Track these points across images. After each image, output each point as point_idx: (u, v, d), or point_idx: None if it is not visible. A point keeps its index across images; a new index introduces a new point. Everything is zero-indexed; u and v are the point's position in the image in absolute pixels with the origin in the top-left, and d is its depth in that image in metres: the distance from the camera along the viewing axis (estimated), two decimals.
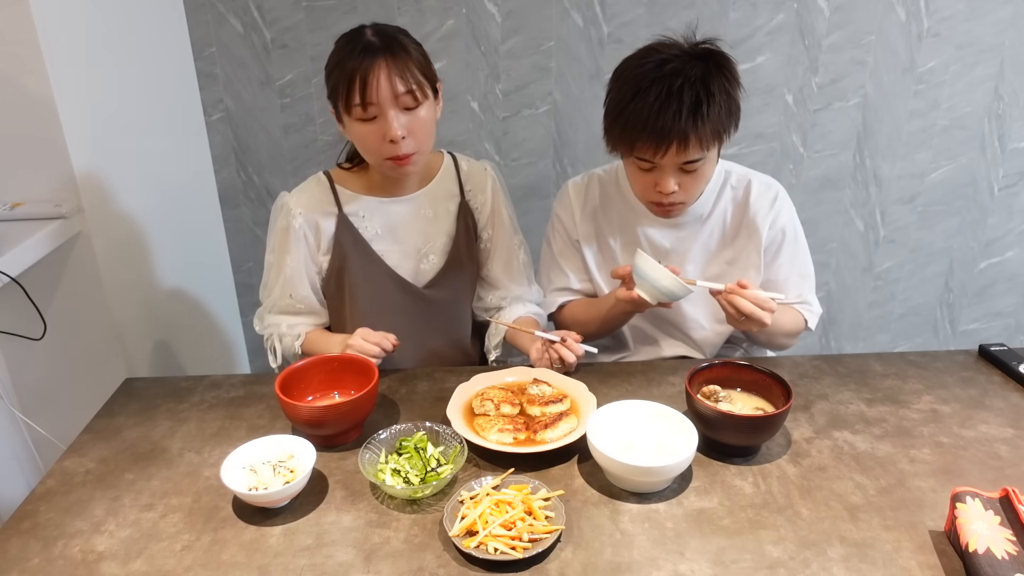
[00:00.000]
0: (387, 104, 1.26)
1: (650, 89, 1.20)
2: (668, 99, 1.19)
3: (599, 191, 1.49)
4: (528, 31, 2.10)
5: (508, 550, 0.91)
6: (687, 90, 1.19)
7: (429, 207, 1.46)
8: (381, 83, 1.24)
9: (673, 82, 1.20)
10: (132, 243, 1.78)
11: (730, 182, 1.44)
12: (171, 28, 2.01)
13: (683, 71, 1.21)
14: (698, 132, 1.20)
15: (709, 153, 1.26)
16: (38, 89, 1.44)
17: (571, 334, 1.32)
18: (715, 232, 1.44)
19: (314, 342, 1.45)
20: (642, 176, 1.31)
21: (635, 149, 1.25)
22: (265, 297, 1.48)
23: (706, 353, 1.52)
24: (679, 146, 1.21)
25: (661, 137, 1.20)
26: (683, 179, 1.28)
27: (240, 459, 1.05)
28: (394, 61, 1.25)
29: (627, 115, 1.23)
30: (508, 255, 1.54)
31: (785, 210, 1.43)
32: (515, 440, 1.13)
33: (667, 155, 1.23)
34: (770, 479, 1.07)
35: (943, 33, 2.11)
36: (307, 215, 1.41)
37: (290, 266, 1.42)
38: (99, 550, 0.96)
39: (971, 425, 1.19)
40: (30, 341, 1.49)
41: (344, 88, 1.26)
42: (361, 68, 1.24)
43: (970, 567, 0.87)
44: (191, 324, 2.10)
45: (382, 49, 1.25)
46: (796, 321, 1.44)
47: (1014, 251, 2.42)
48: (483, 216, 1.52)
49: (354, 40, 1.28)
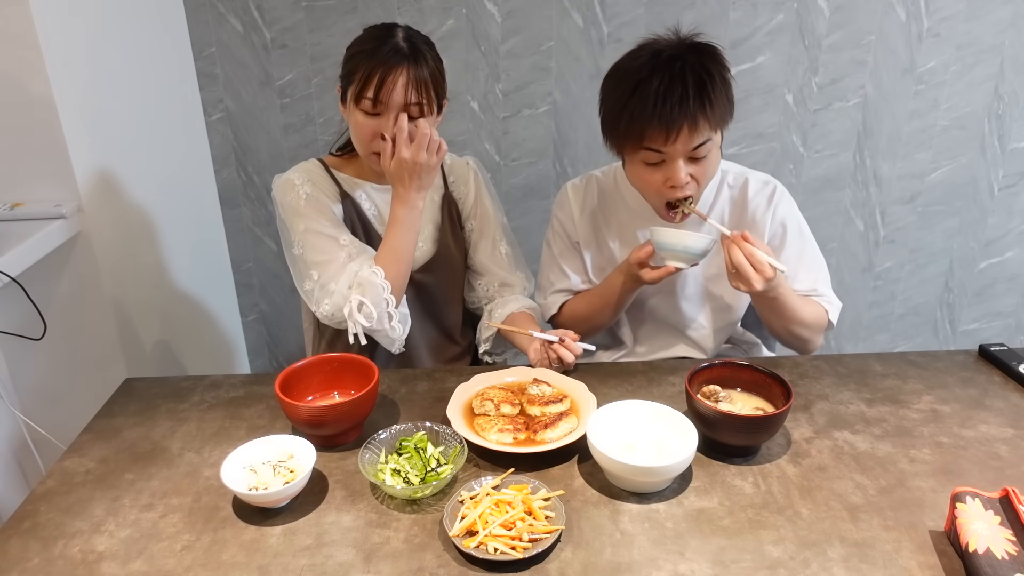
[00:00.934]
0: (394, 108, 1.31)
1: (651, 78, 1.20)
2: (672, 83, 1.19)
3: (597, 193, 1.49)
4: (528, 31, 2.10)
5: (508, 550, 0.91)
6: (689, 72, 1.19)
7: None
8: (396, 88, 1.29)
9: (673, 66, 1.20)
10: (132, 243, 1.78)
11: (727, 180, 1.44)
12: (171, 28, 2.01)
13: (680, 56, 1.21)
14: (706, 112, 1.20)
15: (715, 137, 1.26)
16: (38, 89, 1.44)
17: (569, 333, 1.32)
18: (713, 231, 1.44)
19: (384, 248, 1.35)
20: (651, 174, 1.29)
21: (645, 139, 1.23)
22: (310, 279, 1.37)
23: (706, 353, 1.52)
24: (690, 128, 1.20)
25: (671, 121, 1.19)
26: (693, 168, 1.27)
27: (240, 459, 1.05)
28: (415, 72, 1.30)
29: (631, 108, 1.22)
30: (492, 243, 1.58)
31: (784, 204, 1.43)
32: (515, 440, 1.13)
33: (678, 140, 1.21)
34: (770, 479, 1.07)
35: (943, 33, 2.11)
36: (314, 188, 1.42)
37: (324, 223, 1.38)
38: (99, 550, 0.96)
39: (971, 425, 1.19)
40: (30, 341, 1.49)
41: (361, 80, 1.30)
42: (383, 68, 1.29)
43: (970, 567, 0.87)
44: (191, 324, 2.10)
45: (408, 57, 1.31)
46: (816, 314, 1.40)
47: (1014, 251, 2.42)
48: (466, 206, 1.57)
49: (384, 38, 1.32)
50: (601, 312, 1.46)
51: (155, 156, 1.88)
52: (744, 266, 1.21)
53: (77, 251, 1.58)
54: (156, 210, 1.86)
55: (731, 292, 1.45)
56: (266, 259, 2.37)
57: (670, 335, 1.53)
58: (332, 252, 1.37)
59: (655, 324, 1.53)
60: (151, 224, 1.85)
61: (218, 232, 2.31)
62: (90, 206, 1.57)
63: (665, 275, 1.30)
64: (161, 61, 1.95)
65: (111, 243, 1.65)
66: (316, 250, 1.37)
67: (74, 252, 1.57)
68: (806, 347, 1.44)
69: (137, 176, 1.78)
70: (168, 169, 1.97)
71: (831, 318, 1.43)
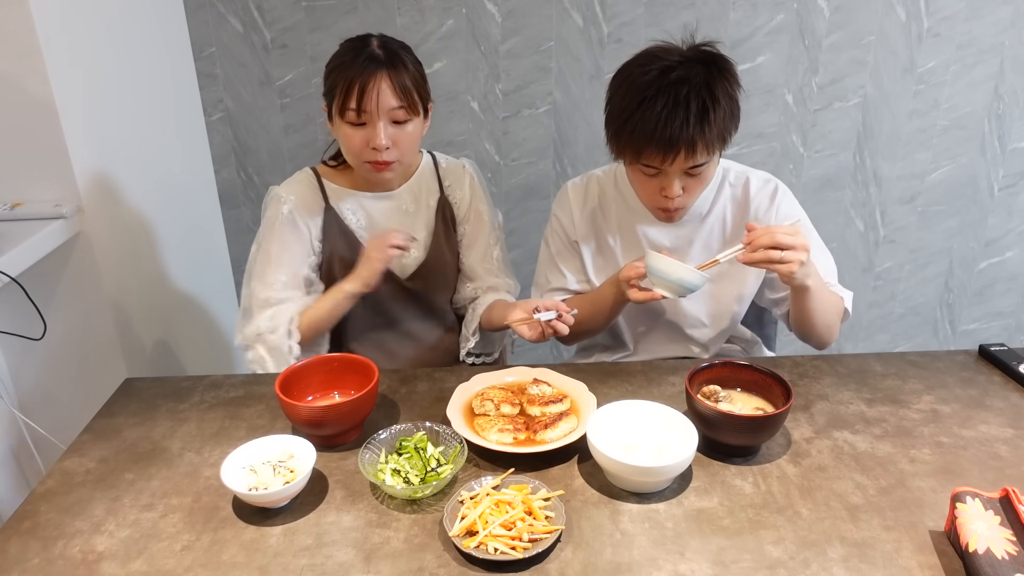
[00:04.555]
0: (378, 115, 1.32)
1: (656, 98, 1.20)
2: (675, 108, 1.20)
3: (598, 191, 1.50)
4: (528, 31, 2.10)
5: (508, 550, 0.91)
6: (693, 98, 1.20)
7: (411, 203, 1.52)
8: (376, 95, 1.31)
9: (679, 91, 1.20)
10: (132, 243, 1.78)
11: (728, 179, 1.44)
12: (171, 28, 2.01)
13: (688, 78, 1.21)
14: (705, 138, 1.21)
15: (713, 156, 1.27)
16: (38, 89, 1.44)
17: (561, 305, 1.28)
18: (715, 230, 1.44)
19: (311, 311, 1.43)
20: (647, 182, 1.31)
21: (642, 157, 1.25)
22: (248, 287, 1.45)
23: (707, 352, 1.52)
24: (687, 153, 1.22)
25: (669, 146, 1.21)
26: (687, 182, 1.30)
27: (240, 459, 1.05)
28: (394, 76, 1.32)
29: (633, 124, 1.23)
30: (485, 248, 1.59)
31: (787, 202, 1.43)
32: (515, 440, 1.13)
33: (675, 163, 1.24)
34: (770, 479, 1.07)
35: (943, 33, 2.11)
36: (298, 205, 1.45)
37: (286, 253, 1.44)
38: (99, 550, 0.96)
39: (971, 425, 1.19)
40: (30, 341, 1.49)
41: (342, 92, 1.32)
42: (362, 77, 1.30)
43: (970, 567, 0.87)
44: (191, 324, 2.10)
45: (385, 63, 1.32)
46: (836, 303, 1.40)
47: (1014, 251, 2.42)
48: (461, 210, 1.57)
49: (359, 48, 1.33)
50: (592, 319, 1.46)
51: (155, 156, 1.88)
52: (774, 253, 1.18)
53: (77, 251, 1.58)
54: (156, 210, 1.86)
55: (733, 292, 1.45)
56: None
57: (671, 336, 1.53)
58: (276, 281, 1.43)
59: (656, 324, 1.53)
60: (151, 224, 1.85)
61: (218, 232, 2.31)
62: (90, 206, 1.57)
63: (650, 300, 1.28)
64: (161, 61, 1.95)
65: (111, 243, 1.65)
66: (264, 272, 1.43)
67: (74, 252, 1.57)
68: (831, 337, 1.43)
69: (137, 176, 1.78)
70: (168, 169, 1.97)
71: (847, 305, 1.43)
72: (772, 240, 1.18)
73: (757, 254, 1.19)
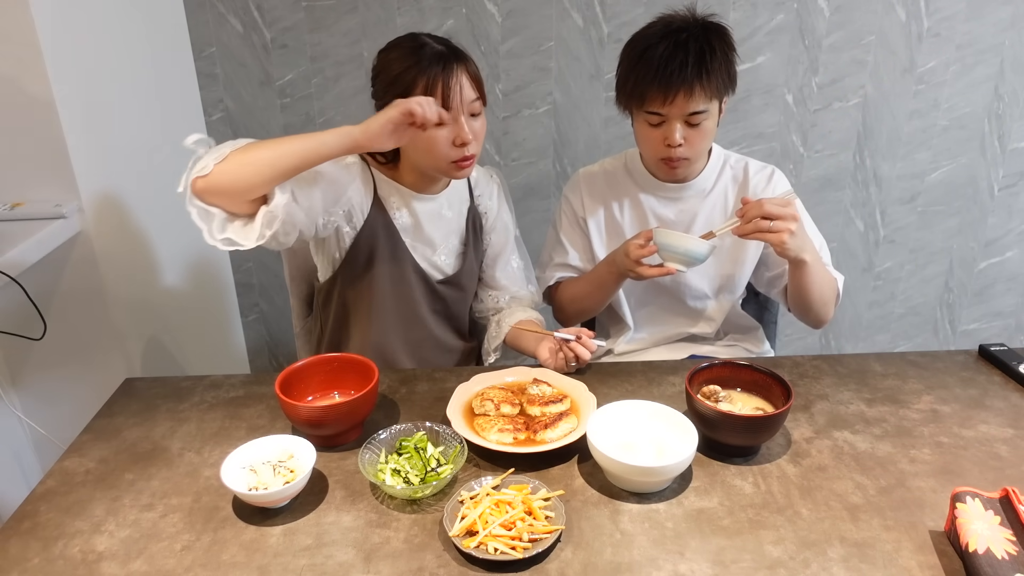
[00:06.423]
0: (462, 110, 1.30)
1: (658, 44, 1.30)
2: (675, 50, 1.29)
3: (607, 175, 1.56)
4: (528, 31, 2.10)
5: (508, 550, 0.91)
6: (692, 43, 1.29)
7: (449, 208, 1.48)
8: (458, 90, 1.28)
9: (679, 36, 1.30)
10: (132, 243, 1.78)
11: (729, 163, 1.52)
12: (171, 28, 2.01)
13: (688, 28, 1.31)
14: (702, 82, 1.29)
15: (711, 107, 1.33)
16: (38, 89, 1.44)
17: (583, 331, 1.32)
18: (717, 207, 1.50)
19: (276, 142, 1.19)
20: (651, 133, 1.37)
21: (646, 100, 1.33)
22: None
23: (711, 327, 1.55)
24: (686, 94, 1.29)
25: (669, 86, 1.29)
26: (689, 133, 1.35)
27: (240, 459, 1.05)
28: (467, 69, 1.31)
29: (638, 70, 1.32)
30: (506, 257, 1.58)
31: (783, 184, 1.50)
32: (515, 440, 1.13)
33: (675, 103, 1.30)
34: (770, 479, 1.07)
35: (943, 33, 2.11)
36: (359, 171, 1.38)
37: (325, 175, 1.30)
38: (99, 550, 0.96)
39: (971, 425, 1.19)
40: (30, 341, 1.49)
41: (421, 94, 1.25)
42: (443, 76, 1.26)
43: (970, 567, 0.87)
44: (191, 324, 2.10)
45: (454, 57, 1.30)
46: (831, 281, 1.43)
47: (1014, 251, 2.42)
48: (489, 219, 1.57)
49: (420, 49, 1.29)
50: (588, 296, 1.52)
51: (155, 156, 1.88)
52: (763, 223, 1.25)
53: (77, 251, 1.58)
54: (156, 210, 1.86)
55: (735, 258, 1.50)
56: (266, 259, 2.37)
57: (673, 309, 1.55)
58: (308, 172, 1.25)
59: (658, 300, 1.56)
60: (151, 224, 1.85)
61: None
62: (90, 206, 1.57)
63: (660, 275, 1.34)
64: (161, 61, 1.95)
65: (111, 243, 1.65)
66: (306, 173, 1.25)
67: (74, 252, 1.57)
68: (826, 315, 1.46)
69: (137, 176, 1.78)
70: (168, 169, 1.97)
71: (838, 286, 1.47)
72: (761, 210, 1.25)
73: (749, 225, 1.26)
